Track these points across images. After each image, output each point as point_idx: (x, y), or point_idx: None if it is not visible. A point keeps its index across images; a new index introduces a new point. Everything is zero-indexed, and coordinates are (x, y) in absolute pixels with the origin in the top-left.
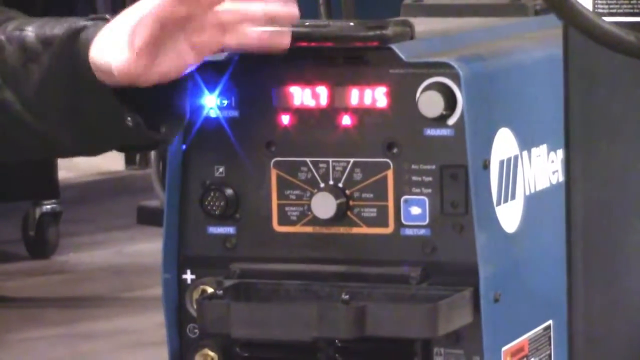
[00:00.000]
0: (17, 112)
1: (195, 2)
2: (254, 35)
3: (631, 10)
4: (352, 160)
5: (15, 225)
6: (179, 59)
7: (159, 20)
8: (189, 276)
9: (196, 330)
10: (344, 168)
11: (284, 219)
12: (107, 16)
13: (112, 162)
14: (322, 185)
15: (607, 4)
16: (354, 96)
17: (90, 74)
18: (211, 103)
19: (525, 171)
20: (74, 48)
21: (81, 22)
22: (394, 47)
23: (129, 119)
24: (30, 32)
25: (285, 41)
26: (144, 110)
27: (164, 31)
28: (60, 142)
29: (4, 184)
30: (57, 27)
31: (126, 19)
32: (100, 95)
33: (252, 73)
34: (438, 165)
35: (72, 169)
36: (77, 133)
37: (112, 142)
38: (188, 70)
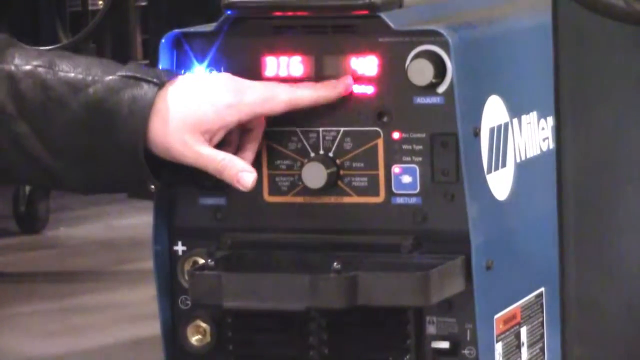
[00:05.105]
0: (29, 145)
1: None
2: None
3: None
4: (342, 129)
5: (5, 201)
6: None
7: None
8: (180, 248)
9: (188, 302)
10: (334, 137)
11: (274, 189)
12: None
13: None
14: (312, 154)
15: None
16: (344, 65)
17: (138, 148)
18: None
19: (515, 138)
20: (121, 115)
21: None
22: (383, 15)
23: (152, 186)
24: (47, 70)
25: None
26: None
27: None
28: (67, 180)
29: None
30: (92, 70)
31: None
32: (137, 164)
33: (241, 43)
34: (428, 134)
35: None
36: (92, 179)
37: (122, 191)
38: None
